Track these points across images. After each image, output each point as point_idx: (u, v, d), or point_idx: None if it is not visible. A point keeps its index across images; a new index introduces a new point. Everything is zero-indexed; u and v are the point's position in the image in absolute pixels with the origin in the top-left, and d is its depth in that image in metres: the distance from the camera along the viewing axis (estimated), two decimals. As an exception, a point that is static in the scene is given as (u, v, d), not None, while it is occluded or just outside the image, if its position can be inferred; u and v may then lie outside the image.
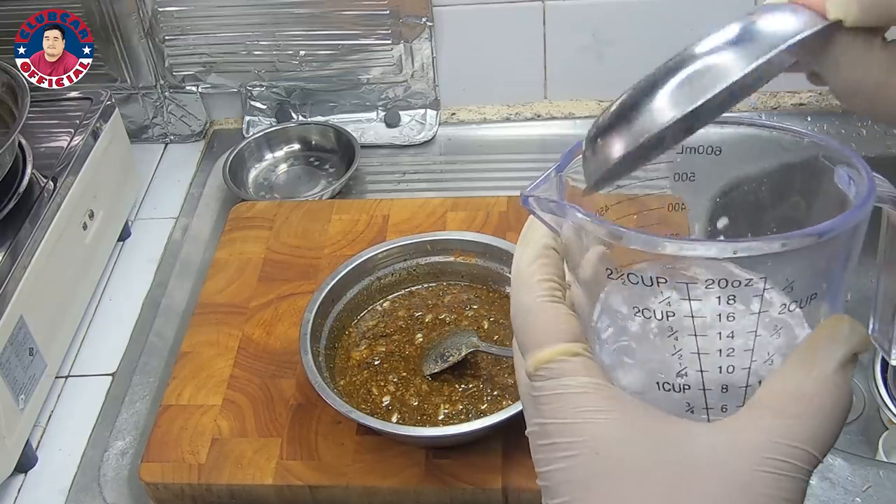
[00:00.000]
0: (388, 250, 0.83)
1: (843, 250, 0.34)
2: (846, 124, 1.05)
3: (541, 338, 0.35)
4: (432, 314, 0.81)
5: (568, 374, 0.33)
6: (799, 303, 0.34)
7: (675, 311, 0.33)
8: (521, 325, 0.36)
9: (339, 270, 0.80)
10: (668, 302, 0.33)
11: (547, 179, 0.37)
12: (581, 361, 0.34)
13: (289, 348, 0.80)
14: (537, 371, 0.34)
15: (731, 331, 0.33)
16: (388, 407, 0.74)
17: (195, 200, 1.05)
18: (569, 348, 0.34)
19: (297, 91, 1.11)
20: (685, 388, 0.34)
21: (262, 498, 0.72)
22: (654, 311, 0.34)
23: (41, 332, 0.79)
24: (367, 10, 1.03)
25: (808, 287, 0.34)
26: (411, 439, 0.70)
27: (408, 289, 0.84)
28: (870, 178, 0.34)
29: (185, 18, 1.06)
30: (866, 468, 0.72)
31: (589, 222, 0.33)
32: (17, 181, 0.84)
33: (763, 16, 0.32)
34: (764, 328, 0.33)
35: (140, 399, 0.83)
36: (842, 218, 0.32)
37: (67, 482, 0.77)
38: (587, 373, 0.33)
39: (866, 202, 0.33)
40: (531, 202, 0.36)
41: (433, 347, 0.77)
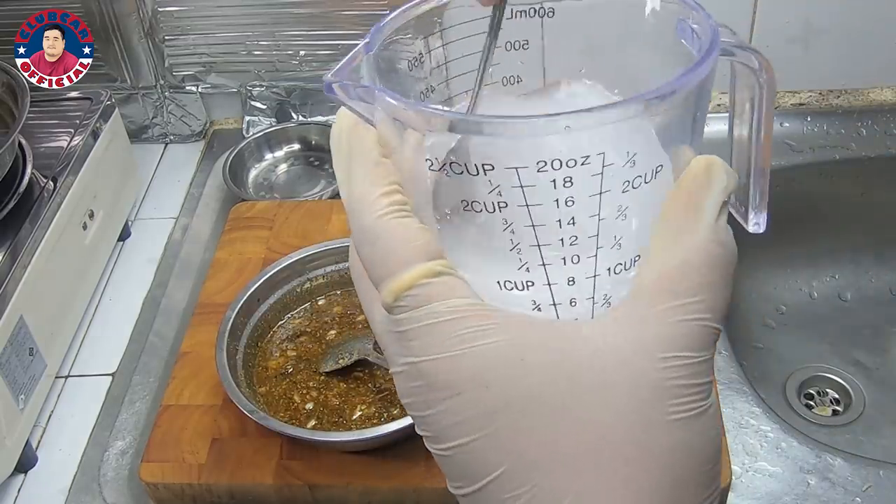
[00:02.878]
0: (320, 252, 0.83)
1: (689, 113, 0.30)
2: (846, 124, 1.05)
3: (395, 262, 0.29)
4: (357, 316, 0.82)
5: (435, 299, 0.29)
6: (644, 177, 0.30)
7: (506, 202, 0.29)
8: (369, 254, 0.30)
9: (267, 270, 0.81)
10: (498, 191, 0.29)
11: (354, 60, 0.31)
12: (446, 281, 0.29)
13: (289, 348, 0.80)
14: (397, 302, 0.29)
15: (571, 217, 0.29)
16: (311, 411, 0.74)
17: (195, 200, 1.05)
18: (430, 268, 0.29)
19: (297, 91, 1.11)
20: (528, 285, 0.31)
21: (262, 498, 0.72)
22: (485, 204, 0.29)
23: (41, 332, 0.79)
24: (367, 10, 1.03)
25: (653, 159, 0.30)
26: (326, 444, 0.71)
27: (335, 292, 0.84)
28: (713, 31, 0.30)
29: (185, 18, 1.06)
30: (866, 468, 0.72)
31: (402, 108, 0.29)
32: (17, 181, 0.84)
33: None
34: (606, 210, 0.30)
35: (140, 399, 0.83)
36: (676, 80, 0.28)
37: (67, 482, 0.77)
38: (456, 293, 0.29)
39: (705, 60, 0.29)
40: (336, 89, 0.30)
41: (335, 347, 0.78)
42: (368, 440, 0.69)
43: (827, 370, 0.99)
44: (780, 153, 1.03)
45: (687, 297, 0.29)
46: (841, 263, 1.07)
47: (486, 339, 0.29)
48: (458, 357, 0.29)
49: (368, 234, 0.30)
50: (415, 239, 0.30)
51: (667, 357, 0.29)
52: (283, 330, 0.81)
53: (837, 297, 1.06)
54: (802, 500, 0.71)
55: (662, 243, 0.30)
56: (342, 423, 0.73)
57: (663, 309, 0.29)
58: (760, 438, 0.75)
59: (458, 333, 0.29)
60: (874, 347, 1.01)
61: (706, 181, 0.30)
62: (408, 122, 0.29)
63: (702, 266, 0.29)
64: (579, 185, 0.29)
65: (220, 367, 0.73)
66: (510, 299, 0.30)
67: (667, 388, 0.28)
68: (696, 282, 0.29)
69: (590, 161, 0.28)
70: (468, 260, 0.31)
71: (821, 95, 1.08)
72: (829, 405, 0.97)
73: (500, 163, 0.29)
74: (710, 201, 0.30)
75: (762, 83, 0.32)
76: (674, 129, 0.30)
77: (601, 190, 0.29)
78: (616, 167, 0.29)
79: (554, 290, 0.31)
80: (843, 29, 1.01)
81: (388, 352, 0.31)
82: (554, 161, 0.28)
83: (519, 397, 0.28)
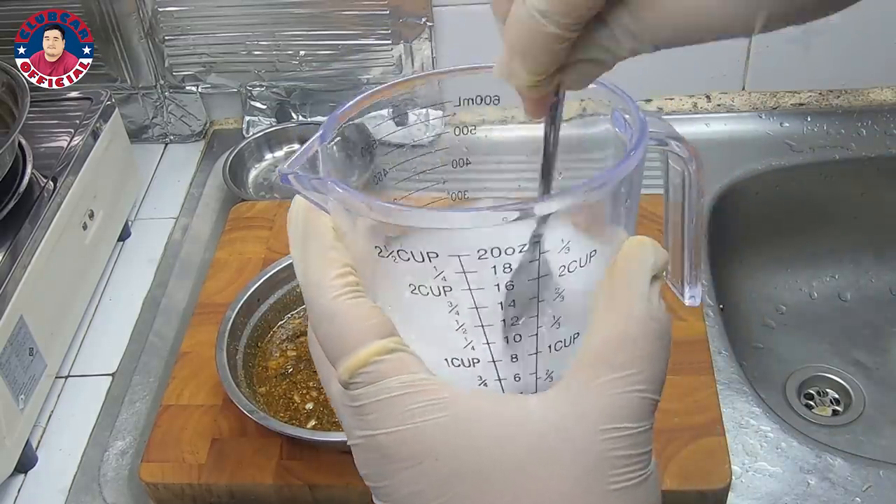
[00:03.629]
0: None
1: (621, 199, 0.32)
2: (846, 124, 1.05)
3: (350, 341, 0.31)
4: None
5: (387, 375, 0.30)
6: (579, 262, 0.32)
7: (451, 286, 0.31)
8: (326, 333, 0.32)
9: (267, 270, 0.81)
10: (443, 277, 0.31)
11: (310, 151, 0.33)
12: (398, 357, 0.31)
13: (289, 348, 0.80)
14: (352, 378, 0.31)
15: (512, 300, 0.32)
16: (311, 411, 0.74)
17: (195, 200, 1.05)
18: (383, 346, 0.31)
19: (297, 91, 1.11)
20: (474, 362, 0.33)
21: (262, 498, 0.72)
22: (431, 288, 0.32)
23: (41, 332, 0.79)
24: (367, 10, 1.03)
25: (585, 245, 0.32)
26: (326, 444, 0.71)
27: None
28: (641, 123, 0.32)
29: (185, 18, 1.06)
30: (866, 468, 0.72)
31: (349, 198, 0.31)
32: (17, 181, 0.84)
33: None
34: (544, 292, 0.32)
35: (140, 399, 0.83)
36: (607, 174, 0.30)
37: (67, 482, 0.77)
38: (408, 368, 0.31)
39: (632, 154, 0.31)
40: (292, 180, 0.32)
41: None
42: None
43: (827, 370, 0.99)
44: (781, 153, 1.03)
45: (624, 370, 0.30)
46: (841, 263, 1.07)
47: (437, 412, 0.30)
48: (410, 430, 0.30)
49: (324, 314, 0.32)
50: (368, 318, 0.31)
51: (607, 429, 0.30)
52: (283, 330, 0.81)
53: (837, 297, 1.06)
54: (802, 500, 0.71)
55: (600, 319, 0.31)
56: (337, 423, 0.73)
57: (602, 382, 0.30)
58: (760, 438, 0.75)
59: (410, 408, 0.30)
60: (874, 347, 1.01)
61: (638, 260, 0.32)
62: (358, 212, 0.31)
63: (638, 339, 0.31)
64: (518, 271, 0.31)
65: (220, 367, 0.73)
66: (458, 375, 0.32)
67: (608, 458, 0.30)
68: (632, 354, 0.31)
69: (525, 248, 0.31)
70: (417, 338, 0.32)
71: (821, 95, 1.08)
72: (829, 405, 0.97)
73: (444, 250, 0.31)
74: (641, 278, 0.32)
75: (691, 169, 0.35)
76: (608, 214, 0.32)
77: (539, 275, 0.31)
78: (552, 254, 0.31)
79: (498, 367, 0.33)
80: (843, 29, 1.01)
81: (344, 424, 0.33)
82: (493, 249, 0.30)
83: (469, 468, 0.30)
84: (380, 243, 0.32)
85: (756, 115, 1.07)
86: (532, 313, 0.32)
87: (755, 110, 1.08)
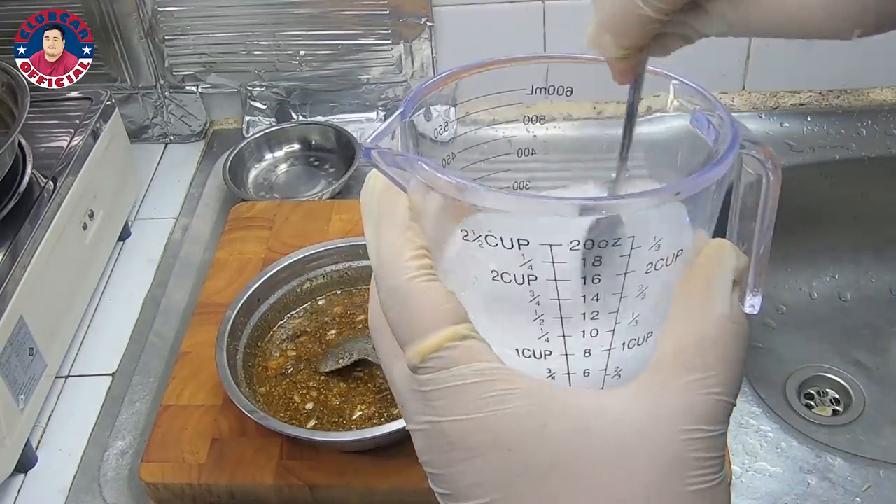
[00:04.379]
0: (320, 252, 0.83)
1: (707, 202, 0.32)
2: (846, 124, 1.05)
3: (423, 325, 0.30)
4: (357, 316, 0.82)
5: (460, 362, 0.30)
6: (665, 260, 0.32)
7: (536, 275, 0.31)
8: (397, 315, 0.31)
9: (267, 270, 0.81)
10: (529, 266, 0.31)
11: (391, 127, 0.32)
12: (471, 344, 0.30)
13: (289, 348, 0.80)
14: (423, 363, 0.30)
15: (596, 293, 0.31)
16: (311, 411, 0.74)
17: (195, 200, 1.05)
18: (456, 331, 0.30)
19: (297, 91, 1.11)
20: (546, 354, 0.32)
21: (262, 498, 0.72)
22: (515, 276, 0.31)
23: (41, 332, 0.79)
24: (367, 10, 1.03)
25: (674, 244, 0.32)
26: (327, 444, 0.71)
27: (335, 292, 0.84)
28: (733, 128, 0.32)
29: (185, 18, 1.06)
30: (866, 468, 0.72)
31: (440, 178, 0.30)
32: (17, 181, 0.84)
33: None
34: (629, 289, 0.32)
35: (140, 399, 0.83)
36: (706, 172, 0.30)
37: (67, 482, 0.77)
38: (480, 356, 0.30)
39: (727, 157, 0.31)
40: (375, 156, 0.31)
41: (335, 347, 0.78)
42: (368, 440, 0.69)
43: (827, 370, 0.99)
44: (781, 153, 1.03)
45: (704, 372, 0.30)
46: (841, 263, 1.07)
47: (509, 403, 0.29)
48: (481, 419, 0.29)
49: (397, 295, 0.31)
50: (442, 302, 0.30)
51: (686, 430, 0.29)
52: (283, 330, 0.81)
53: (837, 297, 1.06)
54: (802, 500, 0.71)
55: (679, 320, 0.31)
56: (342, 423, 0.73)
57: (682, 383, 0.30)
58: (760, 438, 0.75)
59: (483, 397, 0.29)
60: (874, 347, 1.01)
61: (718, 262, 0.32)
62: (449, 195, 0.30)
63: (717, 341, 0.31)
64: (606, 264, 0.31)
65: (220, 367, 0.73)
66: (526, 366, 0.32)
67: (685, 459, 0.29)
68: (712, 356, 0.30)
69: (620, 243, 0.30)
70: (488, 326, 0.32)
71: (821, 95, 1.08)
72: (829, 405, 0.97)
73: (536, 239, 0.30)
74: (722, 281, 0.32)
75: (770, 175, 0.34)
76: (695, 214, 0.32)
77: (626, 270, 0.31)
78: (643, 250, 0.31)
79: (570, 361, 0.32)
80: (843, 29, 1.01)
81: (406, 408, 0.32)
82: (587, 241, 0.30)
83: (540, 463, 0.29)
84: (467, 227, 0.31)
85: (756, 115, 1.07)
86: (613, 309, 0.32)
87: (755, 110, 1.08)
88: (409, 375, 0.31)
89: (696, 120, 0.34)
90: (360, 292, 0.84)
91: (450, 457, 0.30)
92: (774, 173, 0.34)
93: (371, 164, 0.32)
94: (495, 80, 0.36)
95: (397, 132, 0.33)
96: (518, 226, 0.30)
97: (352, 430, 0.71)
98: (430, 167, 0.30)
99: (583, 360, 0.32)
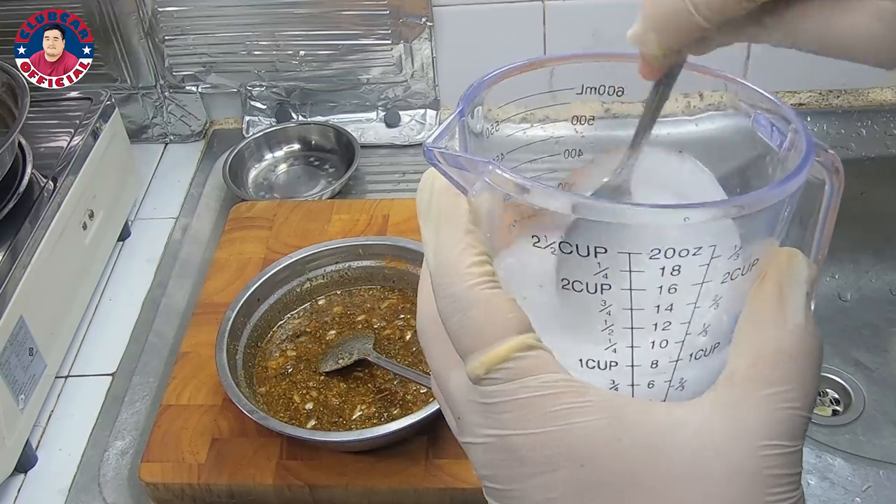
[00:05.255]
0: (320, 252, 0.83)
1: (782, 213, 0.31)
2: (846, 124, 1.05)
3: (487, 334, 0.29)
4: (357, 316, 0.82)
5: (527, 373, 0.29)
6: (742, 270, 0.30)
7: (611, 284, 0.30)
8: (458, 324, 0.30)
9: (267, 270, 0.81)
10: (604, 274, 0.29)
11: (451, 127, 0.31)
12: (538, 355, 0.29)
13: (289, 348, 0.80)
14: (488, 374, 0.29)
15: (671, 303, 0.30)
16: (311, 411, 0.74)
17: (195, 200, 1.05)
18: (522, 342, 0.29)
19: (297, 91, 1.11)
20: (611, 365, 0.31)
21: (262, 498, 0.72)
22: (587, 284, 0.30)
23: (41, 332, 0.79)
24: (367, 10, 1.03)
25: (751, 253, 0.31)
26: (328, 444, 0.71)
27: (335, 292, 0.84)
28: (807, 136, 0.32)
29: (185, 18, 1.06)
30: (866, 468, 0.72)
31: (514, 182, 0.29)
32: (17, 181, 0.84)
33: None
34: (703, 299, 0.30)
35: (140, 399, 0.83)
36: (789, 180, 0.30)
37: (67, 482, 0.77)
38: (548, 368, 0.29)
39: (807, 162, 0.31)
40: (437, 155, 0.30)
41: (335, 347, 0.78)
42: (368, 440, 0.69)
43: (827, 370, 0.99)
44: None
45: (781, 385, 0.29)
46: (841, 263, 1.07)
47: (582, 416, 0.28)
48: (553, 433, 0.28)
49: (459, 303, 0.30)
50: (507, 311, 0.29)
51: (764, 445, 0.29)
52: (283, 330, 0.81)
53: (837, 297, 1.06)
54: (802, 500, 0.71)
55: (753, 331, 0.30)
56: (342, 423, 0.73)
57: (759, 397, 0.29)
58: (760, 438, 0.75)
59: (553, 410, 0.28)
60: (874, 347, 1.01)
61: (793, 273, 0.31)
62: (524, 200, 0.29)
63: (794, 355, 0.30)
64: (685, 273, 0.29)
65: (220, 367, 0.73)
66: (589, 376, 0.30)
67: (764, 476, 0.28)
68: (789, 370, 0.30)
69: (701, 252, 0.29)
70: (553, 335, 0.31)
71: (821, 95, 1.08)
72: (829, 405, 0.97)
73: (614, 247, 0.29)
74: (796, 291, 0.31)
75: (834, 183, 0.34)
76: (771, 223, 0.31)
77: (704, 280, 0.30)
78: (722, 259, 0.30)
79: (636, 372, 0.31)
80: (843, 29, 1.01)
81: (464, 420, 0.31)
82: (668, 250, 0.29)
83: (615, 478, 0.28)
84: (539, 233, 0.30)
85: (756, 115, 1.07)
86: (685, 319, 0.31)
87: (755, 110, 1.08)
88: (468, 386, 0.30)
89: (758, 122, 0.34)
90: (360, 292, 0.84)
91: (518, 472, 0.29)
92: (839, 180, 0.33)
93: (431, 165, 0.30)
94: (545, 79, 0.36)
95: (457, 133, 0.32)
96: (597, 233, 0.29)
97: (352, 430, 0.71)
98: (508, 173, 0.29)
99: (649, 372, 0.31)
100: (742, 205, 0.29)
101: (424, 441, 0.72)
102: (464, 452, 0.33)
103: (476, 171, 0.30)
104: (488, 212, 0.31)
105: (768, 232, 0.31)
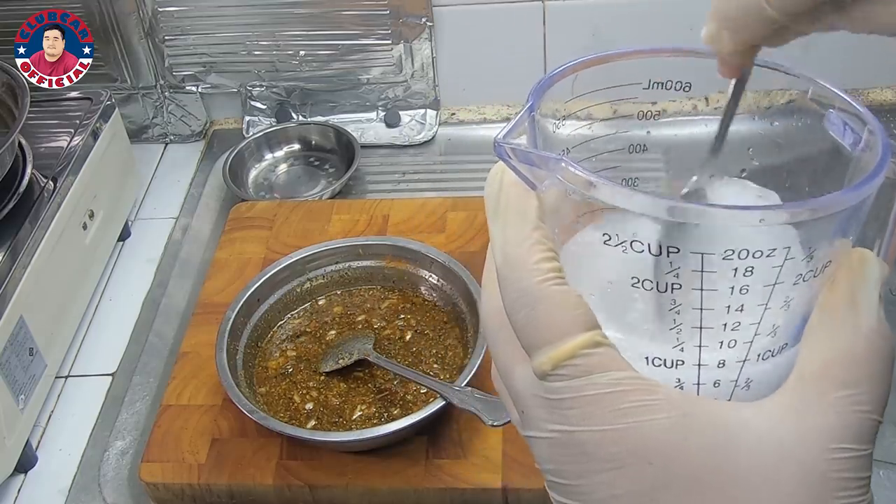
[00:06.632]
0: (320, 252, 0.83)
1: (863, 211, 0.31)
2: (846, 124, 1.05)
3: (555, 330, 0.29)
4: (357, 316, 0.82)
5: (595, 370, 0.29)
6: (814, 272, 0.30)
7: (682, 284, 0.29)
8: (525, 319, 0.30)
9: (267, 270, 0.81)
10: (676, 274, 0.29)
11: (522, 121, 0.31)
12: (605, 352, 0.29)
13: (289, 348, 0.80)
14: (556, 370, 0.29)
15: (741, 304, 0.30)
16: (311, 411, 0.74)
17: (195, 200, 1.05)
18: (590, 338, 0.29)
19: (297, 91, 1.11)
20: (678, 364, 0.31)
21: (262, 498, 0.72)
22: (658, 283, 0.30)
23: (41, 332, 0.79)
24: (367, 10, 1.03)
25: (825, 255, 0.30)
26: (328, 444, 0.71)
27: (335, 292, 0.84)
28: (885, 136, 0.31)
29: (185, 18, 1.06)
30: (866, 468, 0.72)
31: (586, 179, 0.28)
32: (17, 181, 0.84)
33: None
34: (774, 300, 0.30)
35: (140, 399, 0.83)
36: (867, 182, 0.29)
37: (67, 482, 0.77)
38: (615, 365, 0.29)
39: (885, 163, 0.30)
40: (507, 151, 0.30)
41: (335, 347, 0.78)
42: (368, 440, 0.69)
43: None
44: (780, 153, 1.03)
45: (852, 388, 0.29)
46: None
47: (650, 414, 0.28)
48: (621, 431, 0.28)
49: (526, 298, 0.30)
50: (575, 308, 0.29)
51: (834, 448, 0.28)
52: (283, 330, 0.81)
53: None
54: (802, 501, 0.71)
55: (824, 333, 0.30)
56: (342, 423, 0.73)
57: (830, 399, 0.29)
58: (760, 438, 0.75)
59: (621, 407, 0.28)
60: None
61: (865, 274, 0.31)
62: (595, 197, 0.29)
63: (866, 357, 0.29)
64: (758, 275, 0.29)
65: (220, 367, 0.73)
66: (655, 374, 0.30)
67: (832, 480, 0.28)
68: (860, 372, 0.29)
69: (775, 253, 0.29)
70: (619, 332, 0.31)
71: (821, 95, 1.08)
72: (829, 405, 0.97)
73: (688, 247, 0.29)
74: (870, 293, 0.30)
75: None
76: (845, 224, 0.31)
77: (776, 281, 0.30)
78: (796, 261, 0.29)
79: (702, 371, 0.31)
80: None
81: (528, 415, 0.31)
82: (741, 251, 0.29)
83: (682, 477, 0.28)
84: (610, 231, 0.29)
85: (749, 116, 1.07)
86: (755, 320, 0.30)
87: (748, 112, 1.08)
88: (534, 381, 0.30)
89: (831, 120, 0.33)
90: (360, 292, 0.84)
91: (584, 468, 0.29)
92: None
93: (502, 160, 0.30)
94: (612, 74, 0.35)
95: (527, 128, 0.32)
96: (671, 232, 0.29)
97: (352, 430, 0.71)
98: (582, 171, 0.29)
99: (715, 371, 0.31)
100: (817, 207, 0.28)
101: (424, 441, 0.72)
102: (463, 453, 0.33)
103: (547, 168, 0.29)
104: (556, 207, 0.31)
105: (842, 233, 0.31)
